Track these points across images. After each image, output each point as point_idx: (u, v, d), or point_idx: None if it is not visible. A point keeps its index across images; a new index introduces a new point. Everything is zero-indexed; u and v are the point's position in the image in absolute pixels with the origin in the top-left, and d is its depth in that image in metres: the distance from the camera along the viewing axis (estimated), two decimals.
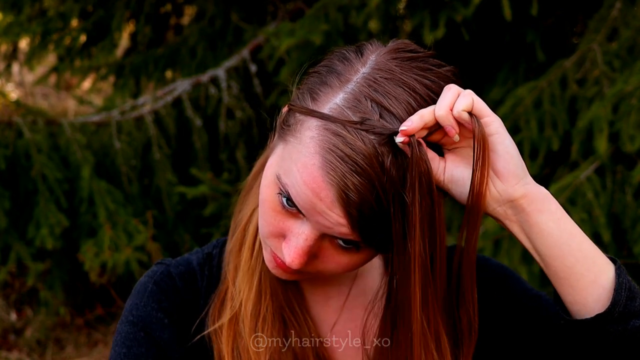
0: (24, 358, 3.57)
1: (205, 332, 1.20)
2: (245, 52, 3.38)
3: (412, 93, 1.02)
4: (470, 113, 1.02)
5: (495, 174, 1.04)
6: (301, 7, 3.44)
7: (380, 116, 1.00)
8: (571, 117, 2.69)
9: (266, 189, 1.08)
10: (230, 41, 3.65)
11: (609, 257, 1.08)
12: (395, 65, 1.04)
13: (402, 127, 0.99)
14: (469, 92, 1.03)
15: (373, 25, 2.89)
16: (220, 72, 3.36)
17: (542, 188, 1.05)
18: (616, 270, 1.06)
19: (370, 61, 1.05)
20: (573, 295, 1.06)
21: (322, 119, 1.01)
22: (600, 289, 1.04)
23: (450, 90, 1.02)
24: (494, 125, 1.03)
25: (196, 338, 1.20)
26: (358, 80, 1.03)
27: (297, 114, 1.05)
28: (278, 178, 1.05)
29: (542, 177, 2.82)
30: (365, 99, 1.01)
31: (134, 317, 1.21)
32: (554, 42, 3.05)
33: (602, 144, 2.50)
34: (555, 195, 2.52)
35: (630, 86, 2.50)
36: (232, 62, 3.37)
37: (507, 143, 1.03)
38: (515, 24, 2.84)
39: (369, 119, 1.00)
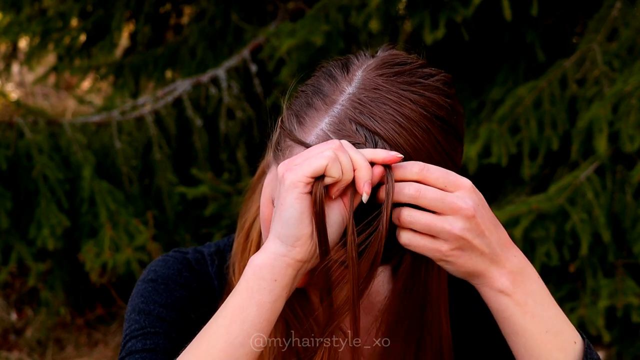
0: (24, 358, 3.57)
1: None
2: (245, 52, 3.38)
3: (399, 111, 1.01)
4: None
5: None
6: (301, 7, 3.44)
7: (366, 139, 1.00)
8: (571, 117, 2.69)
9: (265, 208, 1.10)
10: (230, 41, 3.65)
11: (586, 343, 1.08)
12: (382, 82, 1.03)
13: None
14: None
15: (373, 25, 2.89)
16: (220, 72, 3.36)
17: (501, 284, 1.04)
18: None
19: (356, 78, 1.05)
20: None
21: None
22: None
23: None
24: None
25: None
26: (343, 102, 1.03)
27: (287, 139, 1.06)
28: (274, 201, 1.06)
29: (543, 177, 2.83)
30: (350, 122, 1.01)
31: (154, 274, 1.23)
32: (553, 42, 3.05)
33: (601, 144, 2.51)
34: (556, 196, 2.54)
35: (630, 86, 2.50)
36: (232, 62, 3.37)
37: None
38: (515, 24, 2.84)
39: (356, 144, 1.00)
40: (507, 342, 1.08)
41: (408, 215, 1.00)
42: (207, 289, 1.25)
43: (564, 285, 2.72)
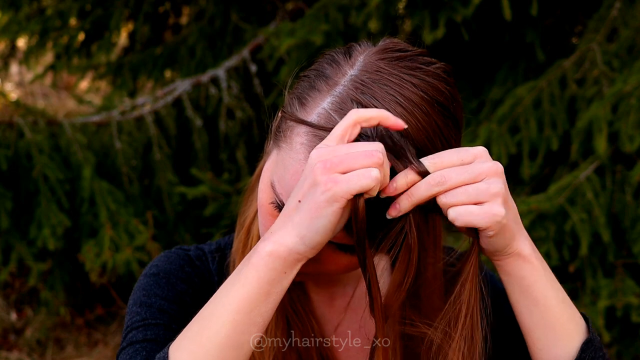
0: (24, 358, 3.57)
1: None
2: (245, 52, 3.38)
3: (400, 92, 1.02)
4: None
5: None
6: (301, 7, 3.44)
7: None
8: (570, 117, 2.70)
9: (262, 194, 1.09)
10: (229, 41, 3.65)
11: (590, 330, 1.11)
12: (384, 66, 1.04)
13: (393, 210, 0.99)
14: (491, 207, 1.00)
15: (373, 25, 2.89)
16: (220, 72, 3.37)
17: (526, 250, 1.06)
18: (582, 345, 1.08)
19: (358, 62, 1.06)
20: (531, 348, 1.10)
21: (310, 127, 1.03)
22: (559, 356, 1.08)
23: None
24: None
25: None
26: (345, 83, 1.03)
27: (288, 121, 1.06)
28: (272, 185, 1.06)
29: (542, 177, 2.83)
30: (352, 102, 1.01)
31: (156, 269, 1.24)
32: (553, 42, 3.06)
33: (601, 144, 2.51)
34: (555, 196, 2.54)
35: (630, 86, 2.51)
36: (232, 62, 3.38)
37: (502, 238, 1.03)
38: (515, 24, 2.85)
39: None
40: (521, 315, 1.09)
41: (450, 196, 0.99)
42: (208, 285, 1.25)
43: (564, 285, 2.71)
